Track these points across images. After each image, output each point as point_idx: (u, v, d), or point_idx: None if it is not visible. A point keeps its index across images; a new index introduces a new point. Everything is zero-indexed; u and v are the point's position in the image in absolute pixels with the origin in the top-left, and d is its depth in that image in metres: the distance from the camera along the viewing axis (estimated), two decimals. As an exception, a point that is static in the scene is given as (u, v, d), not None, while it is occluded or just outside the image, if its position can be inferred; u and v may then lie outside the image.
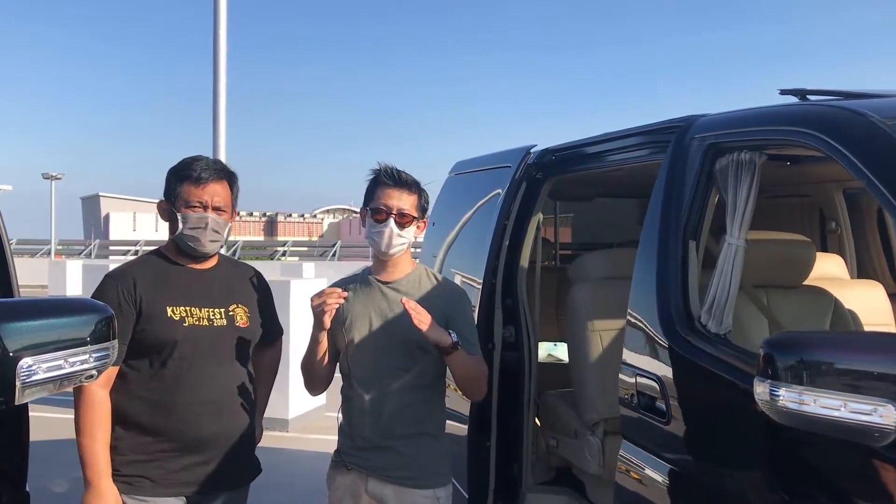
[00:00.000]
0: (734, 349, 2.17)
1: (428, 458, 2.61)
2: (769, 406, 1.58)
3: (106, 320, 1.68)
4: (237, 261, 3.00)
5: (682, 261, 2.42)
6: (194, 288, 2.58)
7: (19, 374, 1.52)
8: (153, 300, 2.48)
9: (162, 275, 2.57)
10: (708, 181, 2.44)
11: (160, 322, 2.46)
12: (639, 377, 2.45)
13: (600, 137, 3.28)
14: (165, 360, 2.47)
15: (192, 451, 2.49)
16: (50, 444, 4.72)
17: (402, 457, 2.56)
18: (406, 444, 2.57)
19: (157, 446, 2.47)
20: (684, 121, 2.65)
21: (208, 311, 2.56)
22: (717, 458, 2.17)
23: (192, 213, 2.52)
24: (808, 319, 2.72)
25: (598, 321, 3.44)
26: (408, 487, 2.55)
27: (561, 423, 3.73)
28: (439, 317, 2.53)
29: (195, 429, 2.49)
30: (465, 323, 2.64)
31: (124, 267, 2.62)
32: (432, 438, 2.64)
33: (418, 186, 2.65)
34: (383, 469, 2.57)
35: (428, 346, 2.50)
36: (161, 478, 2.46)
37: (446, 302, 2.63)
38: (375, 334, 2.60)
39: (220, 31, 7.62)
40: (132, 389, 2.47)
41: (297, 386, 7.45)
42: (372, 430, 2.57)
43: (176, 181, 2.56)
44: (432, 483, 2.59)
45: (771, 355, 1.58)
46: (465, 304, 2.71)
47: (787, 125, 2.22)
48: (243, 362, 2.64)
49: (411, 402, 2.58)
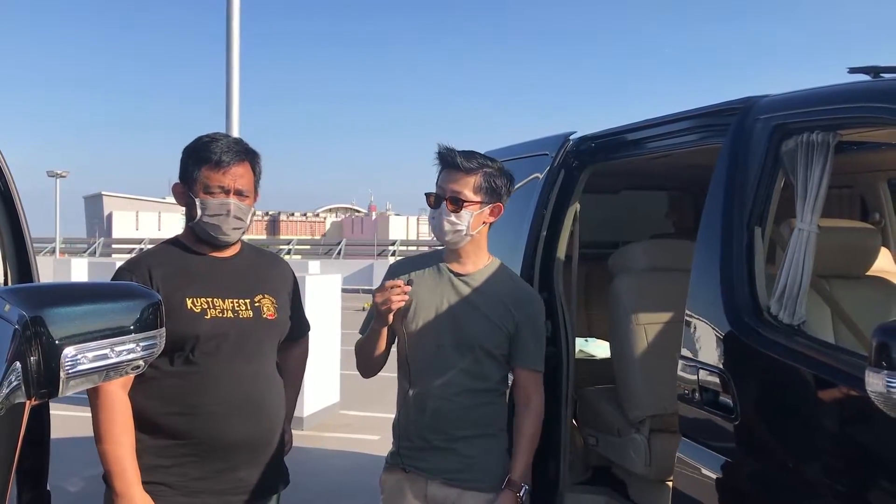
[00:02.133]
0: (812, 340, 2.04)
1: (491, 460, 2.46)
2: (885, 399, 1.45)
3: (153, 306, 1.55)
4: (261, 248, 2.75)
5: (748, 249, 2.29)
6: (216, 278, 2.37)
7: (63, 363, 1.38)
8: (170, 291, 2.25)
9: (180, 264, 2.35)
10: (774, 164, 2.31)
11: (179, 315, 2.23)
12: (701, 372, 2.32)
13: (644, 123, 3.15)
14: (188, 356, 2.26)
15: (218, 456, 2.29)
16: (65, 442, 4.62)
17: (464, 459, 2.41)
18: (467, 446, 2.42)
19: (178, 450, 2.26)
20: (744, 102, 2.53)
21: (232, 303, 2.35)
22: (791, 455, 2.04)
23: (213, 200, 2.31)
24: (873, 310, 2.59)
25: (643, 314, 3.31)
26: (472, 490, 2.41)
27: (602, 420, 3.61)
28: (506, 321, 2.41)
29: (221, 432, 2.27)
30: (532, 333, 2.47)
31: (139, 257, 2.41)
32: (494, 440, 2.48)
33: (479, 166, 2.40)
34: (446, 472, 2.42)
35: (495, 351, 2.40)
36: (182, 485, 2.26)
37: (516, 306, 2.46)
38: (440, 329, 2.43)
39: (233, 24, 7.48)
40: (150, 389, 2.25)
41: (311, 383, 7.38)
42: (431, 430, 2.42)
43: (193, 164, 2.34)
44: (493, 486, 2.43)
45: (886, 343, 1.44)
46: (536, 312, 2.52)
47: (866, 102, 2.09)
48: (272, 358, 2.44)
49: (473, 405, 2.42)
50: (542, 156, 3.51)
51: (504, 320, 2.42)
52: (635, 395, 3.31)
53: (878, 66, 2.31)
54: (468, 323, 2.41)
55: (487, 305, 2.44)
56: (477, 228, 2.44)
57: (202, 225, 2.34)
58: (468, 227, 2.41)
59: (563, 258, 3.46)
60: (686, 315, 2.43)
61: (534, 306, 2.52)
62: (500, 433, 2.52)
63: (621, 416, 3.43)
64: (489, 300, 2.44)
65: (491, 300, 2.43)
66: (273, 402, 2.42)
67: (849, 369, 1.80)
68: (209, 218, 2.32)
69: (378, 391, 8.54)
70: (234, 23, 7.50)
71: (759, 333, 2.14)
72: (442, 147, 2.44)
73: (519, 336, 2.43)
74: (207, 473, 2.28)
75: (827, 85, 2.30)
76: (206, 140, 2.37)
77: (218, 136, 2.41)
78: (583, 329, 4.69)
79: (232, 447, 2.30)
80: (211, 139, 2.37)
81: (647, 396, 3.22)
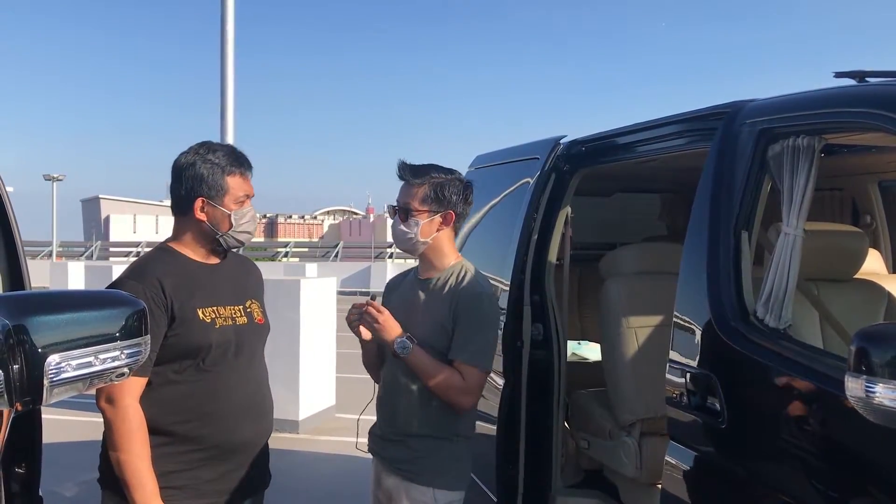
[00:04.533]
0: (797, 344, 2.05)
1: (437, 458, 2.52)
2: (863, 404, 1.46)
3: (138, 314, 1.55)
4: (239, 253, 2.74)
5: (735, 253, 2.30)
6: (216, 286, 2.40)
7: (47, 372, 1.38)
8: (183, 302, 2.27)
9: (184, 274, 2.35)
10: (760, 169, 2.32)
11: (193, 325, 2.27)
12: (689, 376, 2.32)
13: (634, 127, 3.17)
14: (198, 364, 2.29)
15: (228, 458, 2.35)
16: (59, 447, 4.62)
17: (411, 451, 2.53)
18: (418, 441, 2.52)
19: (191, 455, 2.29)
20: (731, 106, 2.54)
21: (231, 310, 2.39)
22: (777, 458, 2.05)
23: (245, 210, 2.38)
24: (861, 313, 2.60)
25: (633, 318, 3.32)
26: (408, 481, 2.51)
27: (593, 423, 3.61)
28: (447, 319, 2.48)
29: (233, 435, 2.34)
30: (464, 326, 2.48)
31: (142, 266, 2.35)
32: (447, 441, 2.54)
33: (426, 178, 2.54)
34: (394, 461, 2.57)
35: (444, 351, 2.48)
36: (193, 487, 2.30)
37: (456, 302, 2.50)
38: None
39: (227, 26, 7.49)
40: (160, 398, 2.27)
41: (307, 386, 7.39)
42: (388, 423, 2.60)
43: (219, 176, 2.33)
44: (432, 482, 2.50)
45: (865, 349, 1.45)
46: (472, 306, 2.50)
47: (851, 107, 2.10)
48: (264, 361, 2.52)
49: (426, 404, 2.51)
50: (533, 160, 3.52)
51: (446, 319, 2.49)
52: (626, 398, 3.31)
53: (863, 70, 2.33)
54: (417, 324, 2.52)
55: (435, 307, 2.53)
56: (430, 236, 2.55)
57: (234, 235, 2.38)
58: (417, 235, 2.54)
59: (555, 261, 3.47)
60: (674, 318, 2.44)
61: (471, 301, 2.51)
62: (456, 438, 2.56)
63: (612, 420, 3.43)
64: (437, 302, 2.53)
65: (438, 301, 2.53)
66: (270, 403, 2.53)
67: (833, 373, 1.81)
68: (244, 229, 2.38)
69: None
70: (228, 26, 7.51)
71: (745, 337, 2.15)
72: (398, 161, 2.58)
73: (455, 329, 2.48)
74: (218, 475, 2.34)
75: (812, 89, 2.31)
76: (222, 153, 2.37)
77: (216, 144, 2.42)
78: (576, 332, 4.70)
79: (241, 448, 2.39)
80: (228, 151, 2.39)
81: (637, 400, 3.22)
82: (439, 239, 2.57)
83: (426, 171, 2.56)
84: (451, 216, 2.56)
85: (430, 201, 2.53)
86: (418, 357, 2.46)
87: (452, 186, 2.55)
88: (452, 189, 2.55)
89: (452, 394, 2.46)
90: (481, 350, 2.51)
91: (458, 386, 2.45)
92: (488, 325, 2.55)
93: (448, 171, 2.60)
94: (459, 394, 2.47)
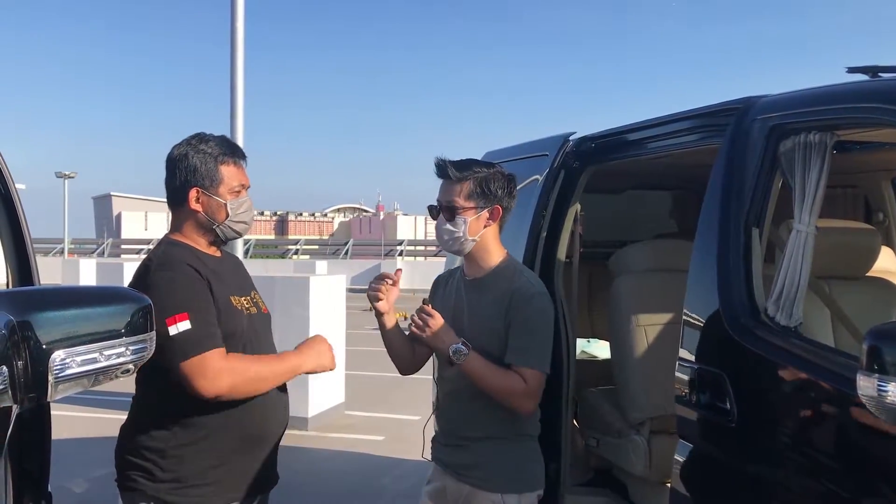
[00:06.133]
0: (808, 343, 2.03)
1: (503, 462, 2.45)
2: (876, 403, 1.44)
3: (143, 310, 1.54)
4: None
5: (745, 250, 2.27)
6: (231, 277, 2.40)
7: (52, 368, 1.38)
8: (218, 290, 2.26)
9: (207, 265, 2.30)
10: (772, 165, 2.30)
11: (230, 311, 2.26)
12: (699, 374, 2.30)
13: (644, 123, 3.14)
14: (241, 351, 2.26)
15: (260, 447, 2.34)
16: (69, 443, 4.64)
17: (475, 456, 2.46)
18: (479, 444, 2.45)
19: (229, 445, 2.26)
20: (743, 102, 2.51)
21: (246, 300, 2.39)
22: (787, 457, 2.03)
23: (241, 199, 2.35)
24: (873, 312, 2.57)
25: (643, 315, 3.30)
26: (476, 488, 2.44)
27: (602, 422, 3.59)
28: (500, 320, 2.39)
29: (264, 425, 2.33)
30: (520, 328, 2.40)
31: (168, 258, 2.27)
32: (513, 443, 2.47)
33: (469, 173, 2.44)
34: (459, 467, 2.49)
35: (497, 352, 2.39)
36: (230, 481, 2.28)
37: (510, 303, 2.40)
38: None
39: (237, 23, 7.51)
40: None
41: (316, 383, 7.39)
42: (449, 427, 2.55)
43: (212, 165, 2.31)
44: (501, 487, 2.42)
45: (878, 347, 1.43)
46: (526, 307, 2.41)
47: (863, 102, 2.07)
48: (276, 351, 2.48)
49: (487, 406, 2.41)
50: (542, 156, 3.49)
51: (497, 321, 2.41)
52: (635, 396, 3.29)
53: (876, 65, 2.29)
54: (469, 326, 2.44)
55: (487, 307, 2.44)
56: (478, 233, 2.46)
57: (230, 226, 2.35)
58: (465, 234, 2.44)
59: (564, 259, 3.45)
60: (684, 316, 2.42)
61: (525, 301, 2.42)
62: (518, 438, 2.49)
63: (621, 418, 3.42)
64: (489, 302, 2.44)
65: (491, 301, 2.44)
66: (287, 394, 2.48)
67: (845, 372, 1.79)
68: (240, 218, 2.35)
69: (383, 392, 8.58)
70: (238, 23, 7.53)
71: (755, 335, 2.13)
72: (437, 159, 2.48)
73: (509, 333, 2.40)
74: (250, 467, 2.32)
75: (825, 85, 2.28)
76: (214, 143, 2.34)
77: (209, 135, 2.38)
78: (585, 330, 4.67)
79: (266, 440, 2.36)
80: (220, 142, 2.36)
81: (647, 398, 3.21)
82: (486, 236, 2.48)
83: (468, 165, 2.46)
84: (497, 211, 2.48)
85: (475, 197, 2.44)
86: (475, 363, 2.36)
87: (497, 180, 2.46)
88: (497, 183, 2.46)
89: (514, 399, 2.38)
90: (540, 352, 2.42)
91: (520, 391, 2.36)
92: (544, 325, 2.45)
93: (488, 164, 2.52)
94: (522, 398, 2.38)
